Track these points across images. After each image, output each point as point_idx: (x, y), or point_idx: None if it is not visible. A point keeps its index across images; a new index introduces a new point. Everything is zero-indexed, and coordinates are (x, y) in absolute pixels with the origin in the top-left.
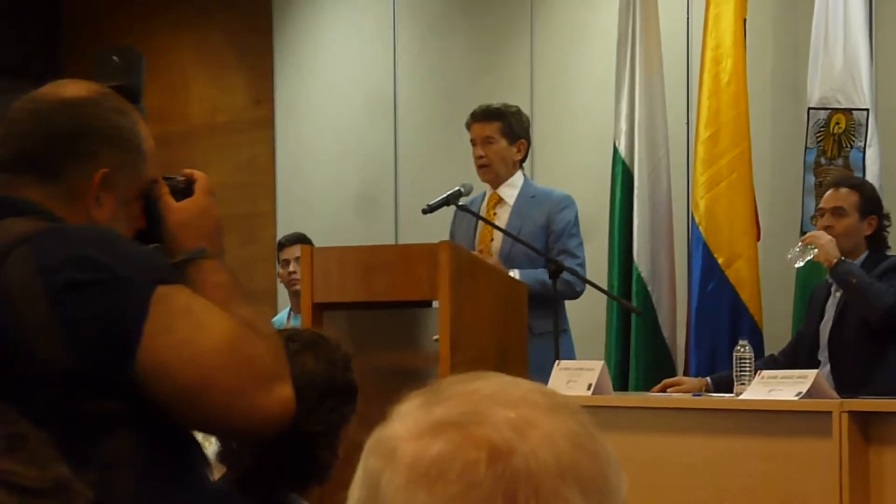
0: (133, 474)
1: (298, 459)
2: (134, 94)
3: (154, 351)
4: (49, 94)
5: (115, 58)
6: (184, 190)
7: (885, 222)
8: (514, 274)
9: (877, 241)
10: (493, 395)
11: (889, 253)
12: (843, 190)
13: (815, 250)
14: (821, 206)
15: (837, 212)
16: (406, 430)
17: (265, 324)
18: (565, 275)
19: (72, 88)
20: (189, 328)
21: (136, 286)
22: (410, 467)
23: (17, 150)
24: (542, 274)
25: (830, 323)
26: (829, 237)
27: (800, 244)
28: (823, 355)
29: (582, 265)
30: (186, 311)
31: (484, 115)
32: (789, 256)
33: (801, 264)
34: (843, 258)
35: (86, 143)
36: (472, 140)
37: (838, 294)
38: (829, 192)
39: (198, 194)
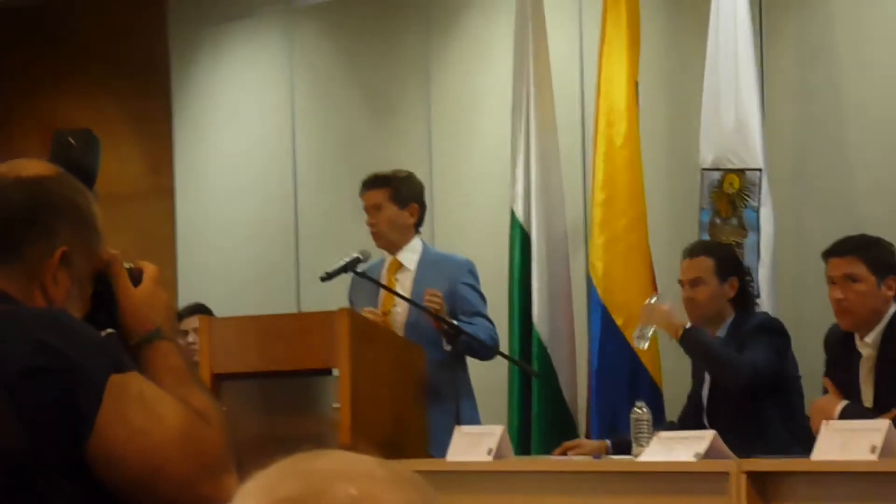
0: None
1: None
2: (90, 176)
3: (107, 440)
4: (7, 172)
5: (70, 139)
6: (135, 276)
7: (748, 279)
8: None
9: (742, 301)
10: (336, 471)
11: (758, 309)
12: (697, 259)
13: (653, 326)
14: (679, 278)
15: (695, 282)
16: None
17: (215, 410)
18: (489, 329)
19: (29, 167)
20: (142, 418)
21: (91, 374)
22: None
23: None
24: (491, 330)
25: (707, 385)
26: (666, 307)
27: (639, 325)
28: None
29: (493, 325)
30: (140, 400)
31: (371, 183)
32: (635, 337)
33: (647, 345)
34: (688, 326)
35: (46, 220)
36: (364, 208)
37: None
38: (684, 263)
39: (147, 280)
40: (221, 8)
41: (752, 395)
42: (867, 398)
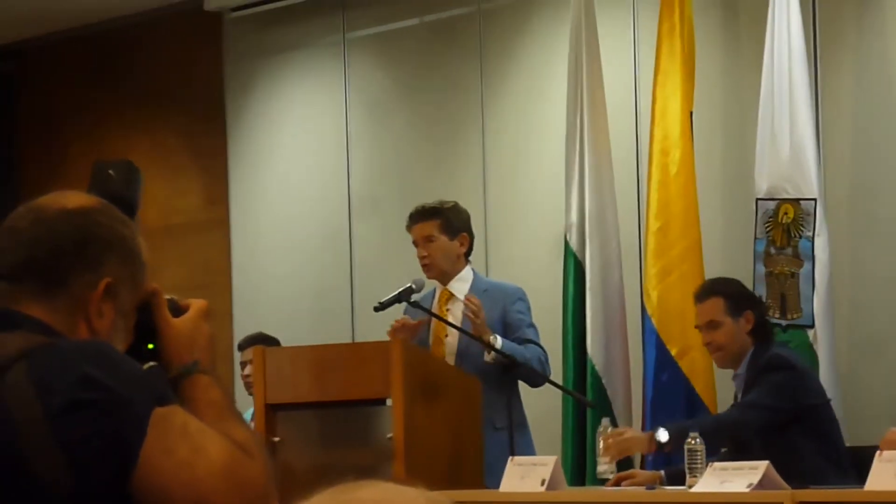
0: None
1: None
2: (131, 208)
3: (152, 472)
4: (51, 203)
5: (110, 171)
6: (179, 309)
7: (762, 309)
8: (498, 341)
9: (760, 333)
10: (377, 501)
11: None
12: (708, 301)
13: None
14: (696, 324)
15: (711, 325)
16: None
17: (256, 444)
18: (538, 354)
19: (73, 199)
20: (187, 451)
21: (135, 407)
22: None
23: (20, 259)
24: (536, 351)
25: None
26: (623, 434)
27: (601, 458)
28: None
29: (544, 351)
30: (184, 434)
31: (420, 215)
32: (601, 470)
33: (613, 476)
34: (659, 439)
35: (92, 251)
36: (413, 241)
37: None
38: (696, 308)
39: (192, 311)
40: (277, 39)
41: (773, 431)
42: None
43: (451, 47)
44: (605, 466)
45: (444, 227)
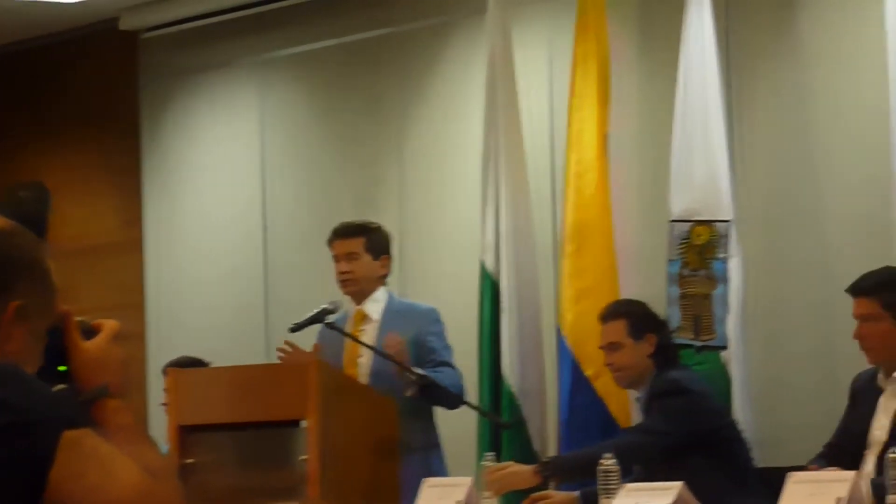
0: None
1: None
2: (42, 229)
3: (61, 497)
4: None
5: (21, 193)
6: (91, 331)
7: (666, 333)
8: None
9: (662, 357)
10: None
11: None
12: (610, 323)
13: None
14: (600, 344)
15: (612, 347)
16: None
17: (168, 468)
18: (450, 376)
19: None
20: (97, 475)
21: (45, 430)
22: None
23: None
24: (456, 376)
25: None
26: (502, 473)
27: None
28: None
29: (459, 374)
30: (94, 457)
31: (347, 232)
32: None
33: None
34: (543, 462)
35: (2, 274)
36: (334, 256)
37: None
38: (601, 328)
39: (103, 334)
40: (193, 59)
41: (674, 454)
42: (881, 426)
43: (368, 69)
44: (487, 501)
45: (368, 246)
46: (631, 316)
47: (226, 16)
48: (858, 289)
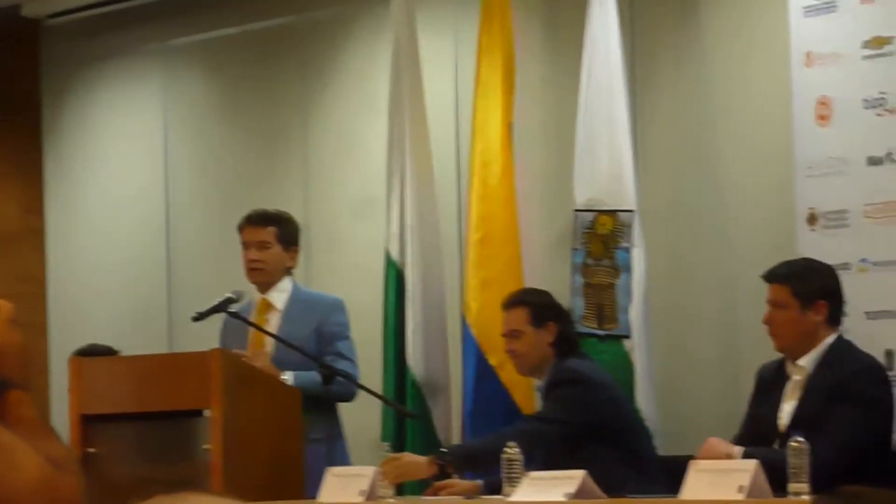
0: None
1: None
2: None
3: None
4: None
5: None
6: None
7: (567, 322)
8: (288, 376)
9: (562, 346)
10: None
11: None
12: (512, 310)
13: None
14: (501, 332)
15: (512, 334)
16: None
17: (70, 458)
18: (347, 370)
19: None
20: None
21: None
22: None
23: None
24: (316, 376)
25: None
26: (397, 463)
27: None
28: None
29: (355, 366)
30: None
31: (259, 220)
32: (381, 494)
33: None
34: (440, 461)
35: None
36: (244, 243)
37: None
38: (503, 316)
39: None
40: (96, 47)
41: (572, 442)
42: (787, 414)
43: (274, 57)
44: (384, 490)
45: (280, 236)
46: (532, 304)
47: (129, 3)
48: (772, 275)
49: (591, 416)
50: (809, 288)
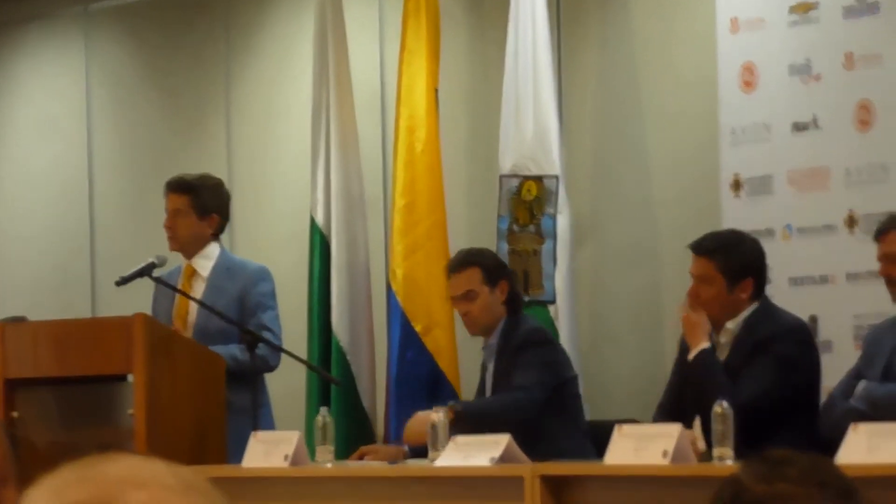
0: None
1: None
2: None
3: None
4: None
5: None
6: None
7: (514, 280)
8: None
9: (512, 304)
10: (126, 477)
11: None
12: (463, 272)
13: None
14: (451, 294)
15: (468, 296)
16: None
17: None
18: (261, 348)
19: None
20: None
21: None
22: None
23: None
24: (234, 349)
25: None
26: (419, 421)
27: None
28: None
29: (277, 338)
30: None
31: (175, 187)
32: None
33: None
34: (458, 409)
35: None
36: (166, 208)
37: None
38: (450, 280)
39: None
40: (15, 10)
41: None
42: None
43: (196, 21)
44: (326, 456)
45: (193, 203)
46: (484, 264)
47: None
48: (699, 247)
49: (559, 377)
50: (737, 265)
